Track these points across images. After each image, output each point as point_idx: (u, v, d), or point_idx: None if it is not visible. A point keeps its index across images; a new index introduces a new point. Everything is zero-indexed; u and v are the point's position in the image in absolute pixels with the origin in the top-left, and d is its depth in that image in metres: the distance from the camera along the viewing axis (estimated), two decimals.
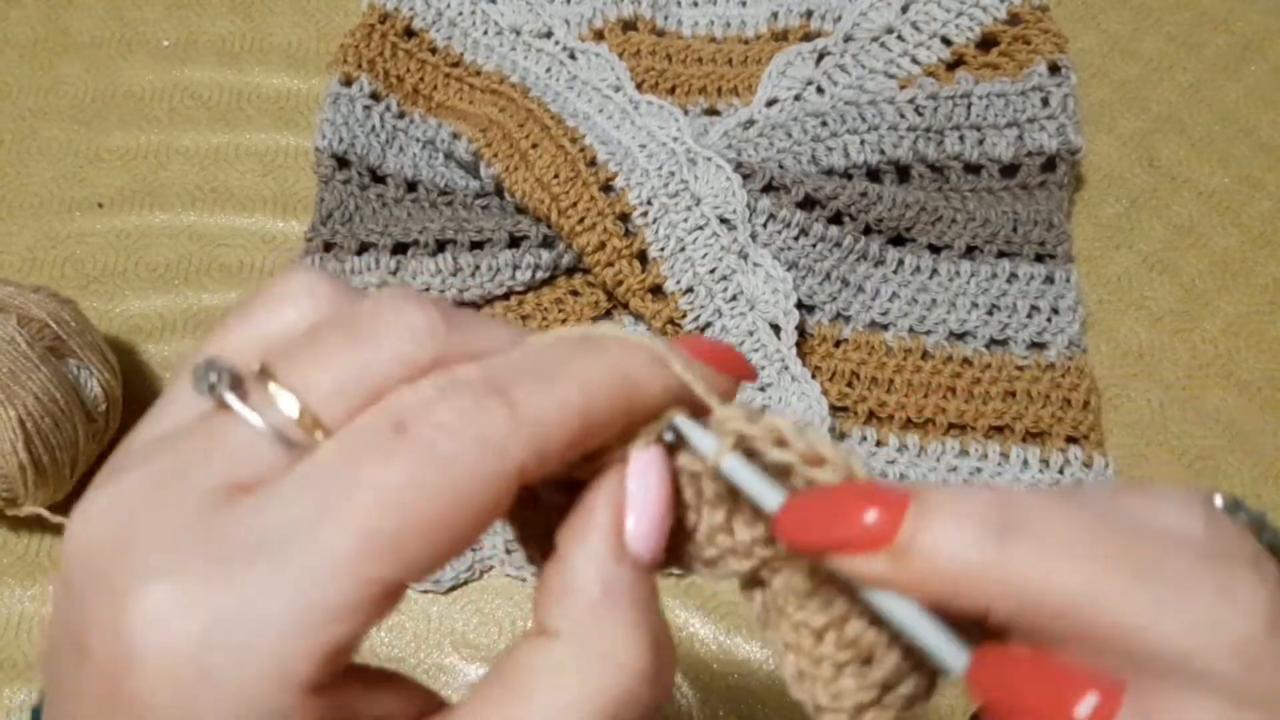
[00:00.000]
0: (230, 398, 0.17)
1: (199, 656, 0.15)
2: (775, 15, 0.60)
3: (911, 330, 0.52)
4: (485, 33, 0.59)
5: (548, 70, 0.57)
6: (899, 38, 0.57)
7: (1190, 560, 0.16)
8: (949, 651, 0.17)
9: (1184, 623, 0.16)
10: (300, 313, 0.18)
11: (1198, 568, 0.16)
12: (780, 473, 0.18)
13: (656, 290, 0.50)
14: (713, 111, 0.58)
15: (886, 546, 0.17)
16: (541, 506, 0.20)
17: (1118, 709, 0.16)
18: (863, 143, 0.53)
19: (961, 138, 0.54)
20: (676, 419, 0.19)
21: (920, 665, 0.18)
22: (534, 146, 0.52)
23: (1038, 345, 0.52)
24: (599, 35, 0.59)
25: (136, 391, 0.50)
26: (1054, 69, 0.55)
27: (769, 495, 0.18)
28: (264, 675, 0.15)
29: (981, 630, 0.17)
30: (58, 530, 0.48)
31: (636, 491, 0.18)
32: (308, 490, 0.16)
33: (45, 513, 0.44)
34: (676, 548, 0.20)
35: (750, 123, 0.55)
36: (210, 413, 0.17)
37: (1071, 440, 0.50)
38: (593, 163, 0.51)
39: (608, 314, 0.52)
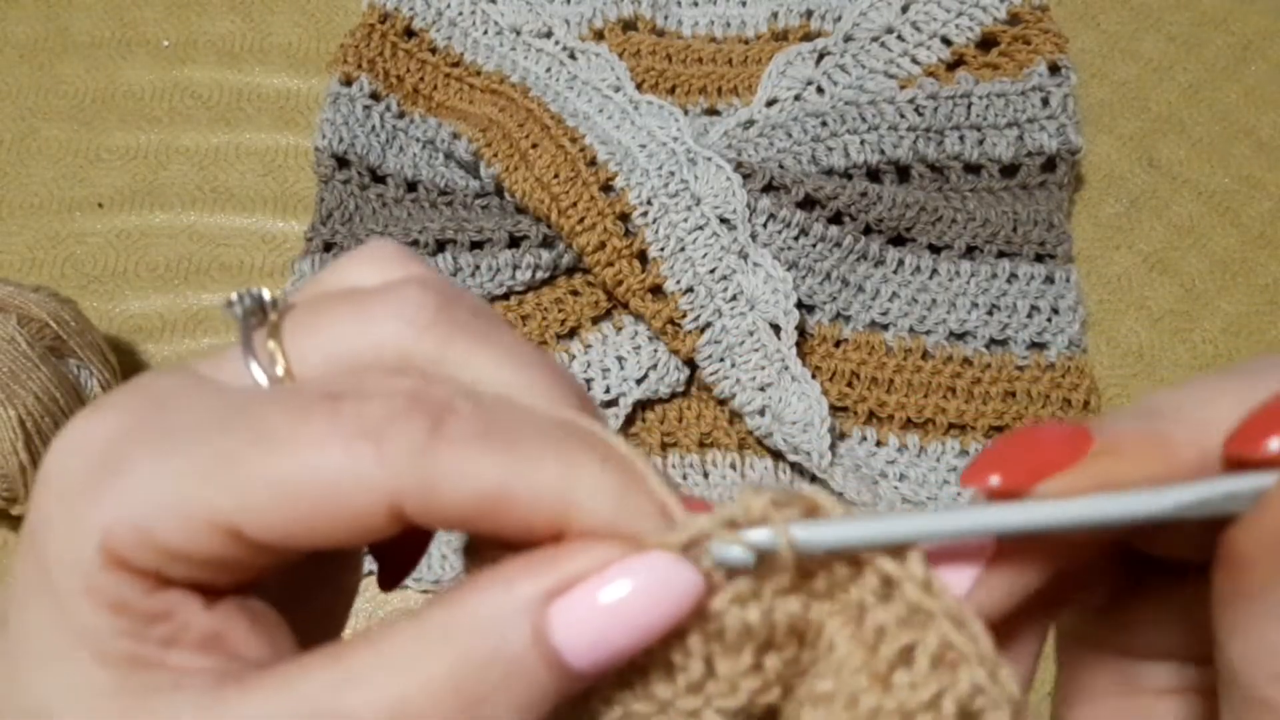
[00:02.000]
0: (237, 317, 0.17)
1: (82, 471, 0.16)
2: (775, 15, 0.60)
3: (911, 330, 0.52)
4: (485, 33, 0.59)
5: (548, 70, 0.57)
6: (899, 38, 0.57)
7: None
8: (1225, 484, 0.16)
9: None
10: (360, 276, 0.19)
11: None
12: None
13: (656, 290, 0.50)
14: (713, 111, 0.58)
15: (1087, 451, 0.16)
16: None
17: None
18: (863, 143, 0.53)
19: (961, 138, 0.54)
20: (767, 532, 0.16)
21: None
22: (534, 146, 0.52)
23: (1038, 345, 0.52)
24: (599, 35, 0.59)
25: None
26: (1054, 69, 0.55)
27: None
28: (96, 510, 0.15)
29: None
30: None
31: (635, 597, 0.15)
32: (219, 404, 0.16)
33: None
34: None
35: (750, 123, 0.55)
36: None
37: None
38: (593, 163, 0.51)
39: (608, 314, 0.52)
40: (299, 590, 0.19)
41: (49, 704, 0.15)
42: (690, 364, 0.51)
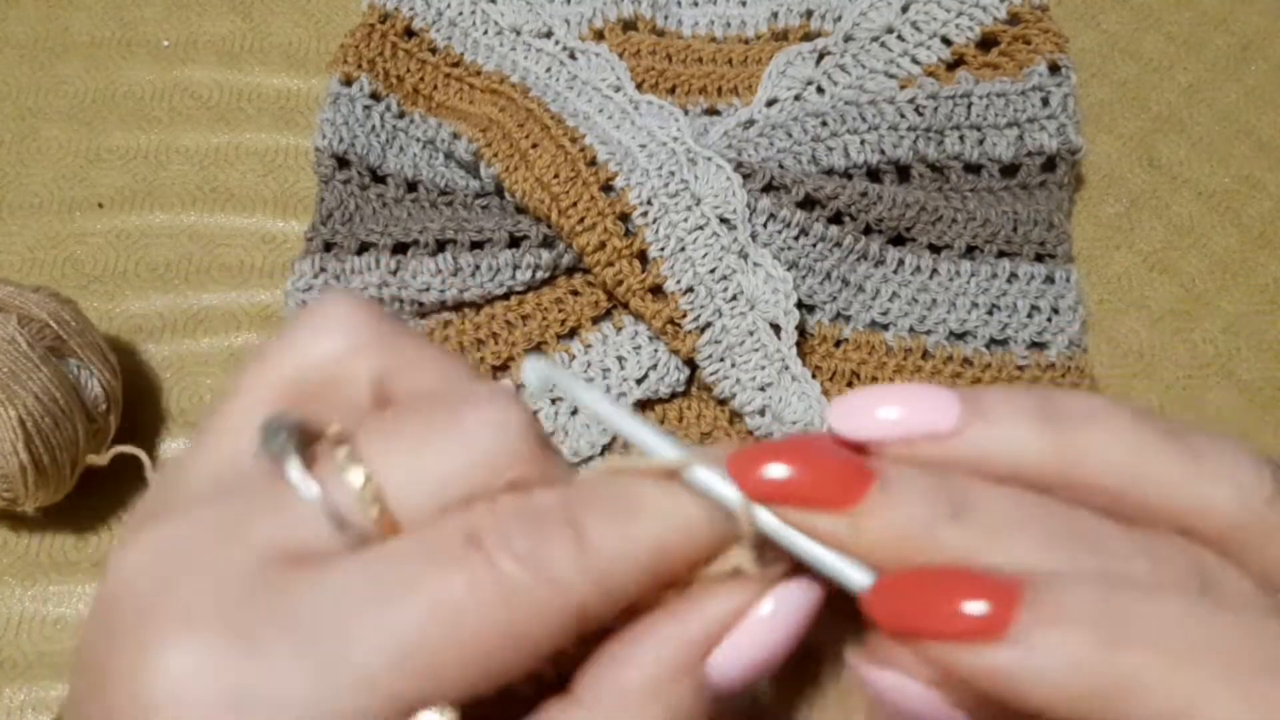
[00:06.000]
0: (295, 475, 0.16)
1: None
2: (775, 15, 0.60)
3: (911, 330, 0.52)
4: (485, 33, 0.59)
5: (548, 70, 0.57)
6: (899, 38, 0.57)
7: None
8: None
9: None
10: (335, 345, 0.18)
11: None
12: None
13: (656, 290, 0.50)
14: (713, 111, 0.58)
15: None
16: None
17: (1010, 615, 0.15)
18: (863, 143, 0.53)
19: (961, 138, 0.54)
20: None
21: None
22: (534, 146, 0.52)
23: (1038, 345, 0.52)
24: (599, 35, 0.59)
25: (136, 392, 0.50)
26: (1054, 69, 0.55)
27: (854, 572, 0.16)
28: None
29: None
30: (59, 529, 0.48)
31: (765, 622, 0.17)
32: (359, 585, 0.15)
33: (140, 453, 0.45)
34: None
35: (750, 123, 0.55)
36: (274, 470, 0.17)
37: None
38: (593, 163, 0.51)
39: (608, 314, 0.52)
40: None
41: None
42: (690, 364, 0.51)
